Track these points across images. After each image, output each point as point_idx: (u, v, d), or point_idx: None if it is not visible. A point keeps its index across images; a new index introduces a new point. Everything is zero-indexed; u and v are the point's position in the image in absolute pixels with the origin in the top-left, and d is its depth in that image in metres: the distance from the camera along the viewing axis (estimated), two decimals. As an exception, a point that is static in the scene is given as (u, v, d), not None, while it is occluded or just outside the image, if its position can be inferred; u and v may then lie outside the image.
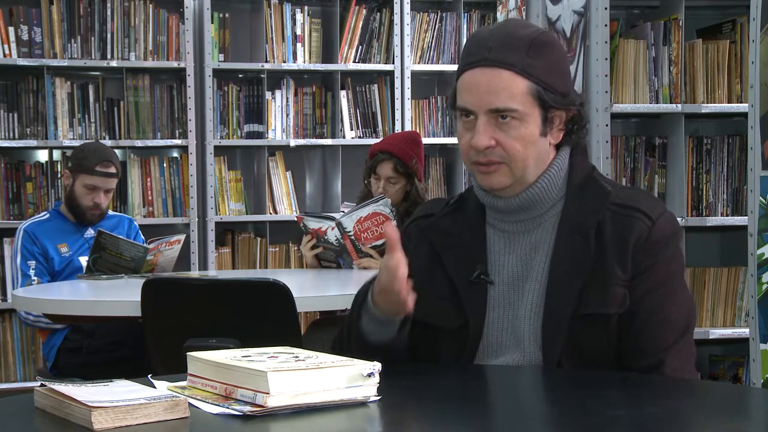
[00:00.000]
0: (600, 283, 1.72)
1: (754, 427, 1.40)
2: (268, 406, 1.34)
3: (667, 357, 1.72)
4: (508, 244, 1.83)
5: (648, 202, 1.79)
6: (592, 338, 1.72)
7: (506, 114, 1.74)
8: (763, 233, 2.88)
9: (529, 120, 1.75)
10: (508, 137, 1.75)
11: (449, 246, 1.86)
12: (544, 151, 1.80)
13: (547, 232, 1.81)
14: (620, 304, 1.72)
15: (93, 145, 4.20)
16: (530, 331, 1.76)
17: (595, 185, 1.82)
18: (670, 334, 1.74)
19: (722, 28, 3.58)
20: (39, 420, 1.37)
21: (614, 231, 1.74)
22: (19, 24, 4.94)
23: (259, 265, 5.27)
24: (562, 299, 1.73)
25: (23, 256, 3.94)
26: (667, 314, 1.74)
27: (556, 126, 1.80)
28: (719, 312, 3.54)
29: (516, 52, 1.75)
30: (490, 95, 1.75)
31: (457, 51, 5.52)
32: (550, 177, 1.81)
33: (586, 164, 1.87)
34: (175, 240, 3.84)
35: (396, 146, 3.85)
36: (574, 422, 1.41)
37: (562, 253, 1.76)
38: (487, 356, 1.79)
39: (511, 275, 1.81)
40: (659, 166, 3.49)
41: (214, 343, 2.44)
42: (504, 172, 1.78)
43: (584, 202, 1.79)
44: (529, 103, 1.75)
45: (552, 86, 1.76)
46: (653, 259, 1.74)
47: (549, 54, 1.78)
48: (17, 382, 4.96)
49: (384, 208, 3.69)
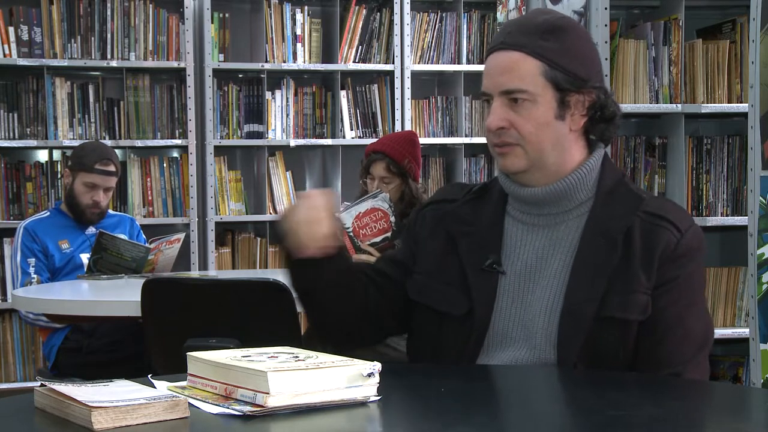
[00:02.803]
0: (624, 288, 1.72)
1: (754, 427, 1.40)
2: (268, 406, 1.34)
3: (685, 370, 1.72)
4: (526, 236, 1.82)
5: (678, 213, 1.79)
6: (610, 342, 1.71)
7: (518, 96, 1.76)
8: (763, 233, 2.88)
9: (541, 101, 1.76)
10: (521, 118, 1.76)
11: (465, 233, 1.85)
12: (563, 137, 1.79)
13: (570, 230, 1.80)
14: (642, 311, 1.71)
15: (93, 144, 4.23)
16: (544, 327, 1.75)
17: (626, 191, 1.82)
18: (688, 347, 1.73)
19: (722, 28, 3.58)
20: (39, 420, 1.37)
21: (642, 238, 1.74)
22: (19, 24, 4.94)
23: (259, 265, 5.27)
24: (582, 300, 1.72)
25: (23, 253, 3.94)
26: (688, 327, 1.73)
27: (577, 111, 1.79)
28: (719, 312, 3.54)
29: (530, 35, 1.77)
30: (502, 76, 1.77)
31: (457, 51, 5.52)
32: (581, 175, 1.80)
33: (617, 170, 1.87)
34: (175, 239, 3.84)
35: (389, 146, 3.85)
36: (574, 422, 1.41)
37: (587, 254, 1.75)
38: (493, 347, 1.78)
39: (525, 267, 1.80)
40: (659, 166, 3.49)
41: (214, 343, 2.44)
42: (518, 154, 1.79)
43: (614, 206, 1.79)
44: (541, 85, 1.76)
45: (566, 68, 1.76)
46: (678, 271, 1.73)
47: (565, 37, 1.78)
48: (17, 382, 4.96)
49: (383, 203, 3.68)
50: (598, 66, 1.83)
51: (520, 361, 1.75)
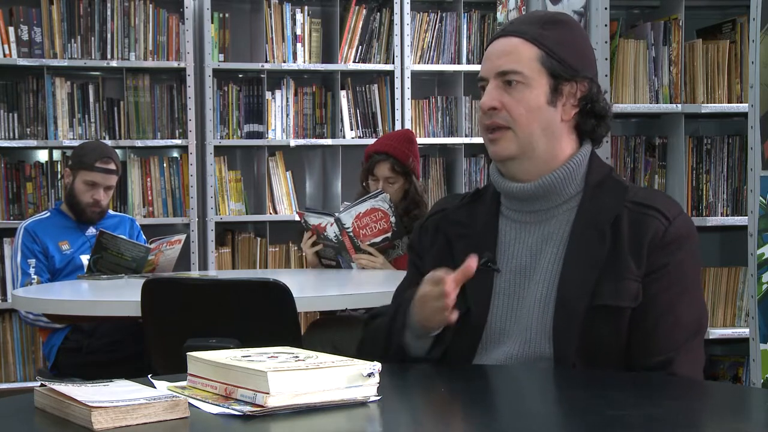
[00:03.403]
0: (614, 276, 1.73)
1: (754, 427, 1.40)
2: (268, 406, 1.34)
3: (677, 357, 1.72)
4: (519, 234, 1.85)
5: (665, 202, 1.81)
6: (604, 332, 1.72)
7: (512, 78, 1.81)
8: (763, 233, 2.88)
9: (535, 86, 1.80)
10: (513, 100, 1.81)
11: (461, 236, 1.88)
12: (553, 124, 1.82)
13: (560, 224, 1.82)
14: (634, 298, 1.73)
15: (93, 143, 4.24)
16: (539, 321, 1.76)
17: (614, 183, 1.85)
18: (680, 334, 1.74)
19: (722, 28, 3.58)
20: (39, 420, 1.37)
21: (630, 227, 1.76)
22: (19, 24, 4.94)
23: (259, 265, 5.27)
24: (575, 292, 1.74)
25: (23, 254, 3.94)
26: (679, 314, 1.74)
27: (569, 101, 1.83)
28: (719, 312, 3.54)
29: (531, 24, 1.84)
30: (500, 59, 1.83)
31: (457, 51, 5.52)
32: (569, 169, 1.83)
33: (605, 165, 1.89)
34: (176, 240, 3.84)
35: (391, 146, 3.85)
36: (574, 422, 1.41)
37: (577, 247, 1.78)
38: (490, 344, 1.80)
39: (519, 265, 1.82)
40: (659, 166, 3.49)
41: (214, 343, 2.44)
42: (509, 138, 1.82)
43: (602, 198, 1.81)
44: (536, 70, 1.81)
45: (561, 57, 1.81)
46: (667, 258, 1.75)
47: (564, 30, 1.84)
48: (17, 382, 4.96)
49: (383, 204, 3.68)
50: (593, 62, 1.89)
51: (516, 355, 1.77)
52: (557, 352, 1.73)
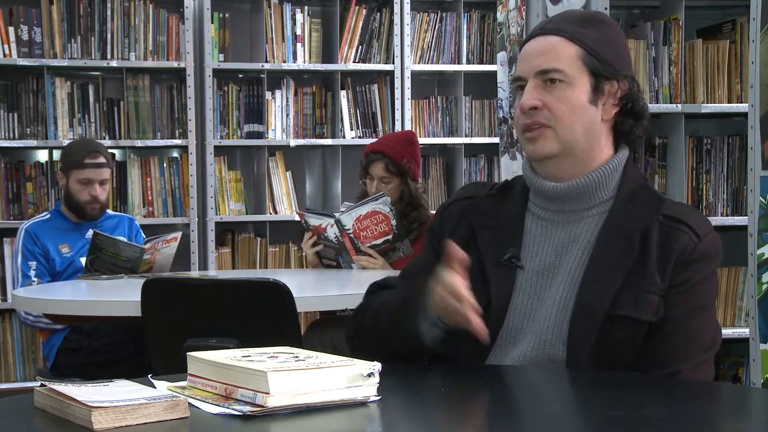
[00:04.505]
0: (637, 287, 1.71)
1: (754, 427, 1.40)
2: (268, 406, 1.34)
3: (685, 369, 1.71)
4: (545, 233, 1.82)
5: (697, 218, 1.79)
6: (620, 341, 1.70)
7: (554, 76, 1.78)
8: (763, 233, 2.88)
9: (576, 84, 1.78)
10: (554, 98, 1.78)
11: (486, 226, 1.85)
12: (594, 124, 1.80)
13: (589, 228, 1.80)
14: (654, 312, 1.71)
15: (79, 141, 4.25)
16: (555, 323, 1.74)
17: (649, 193, 1.83)
18: (692, 348, 1.73)
19: (722, 28, 3.58)
20: (39, 420, 1.37)
21: (660, 241, 1.74)
22: (19, 24, 4.94)
23: (259, 265, 5.27)
24: (595, 296, 1.72)
25: (24, 256, 3.94)
26: (694, 328, 1.73)
27: (608, 99, 1.81)
28: (719, 312, 3.54)
29: (570, 23, 1.82)
30: (539, 58, 1.80)
31: (457, 51, 5.52)
32: (604, 172, 1.81)
33: (640, 174, 1.88)
34: (172, 238, 3.84)
35: (387, 146, 3.86)
36: (574, 422, 1.41)
37: (603, 252, 1.75)
38: (506, 342, 1.77)
39: (543, 264, 1.80)
40: (659, 166, 3.49)
41: (214, 343, 2.44)
42: (550, 137, 1.79)
43: (634, 207, 1.79)
44: (577, 68, 1.78)
45: (602, 56, 1.79)
46: (692, 274, 1.73)
47: (603, 29, 1.82)
48: (17, 382, 4.96)
49: (383, 207, 3.68)
50: (630, 62, 1.87)
51: (529, 356, 1.75)
52: (570, 356, 1.72)
